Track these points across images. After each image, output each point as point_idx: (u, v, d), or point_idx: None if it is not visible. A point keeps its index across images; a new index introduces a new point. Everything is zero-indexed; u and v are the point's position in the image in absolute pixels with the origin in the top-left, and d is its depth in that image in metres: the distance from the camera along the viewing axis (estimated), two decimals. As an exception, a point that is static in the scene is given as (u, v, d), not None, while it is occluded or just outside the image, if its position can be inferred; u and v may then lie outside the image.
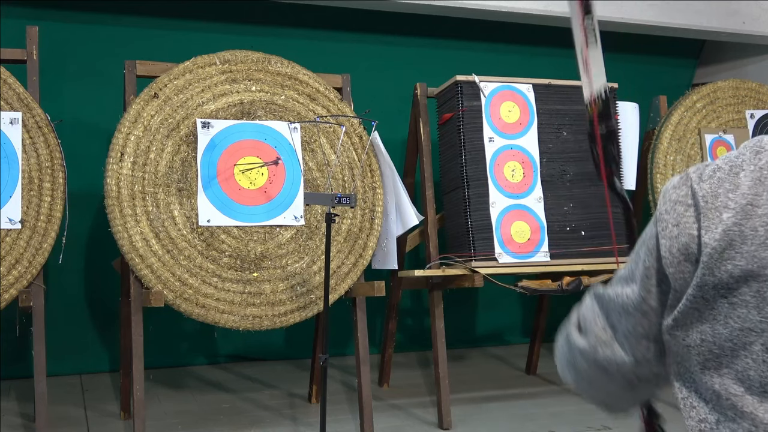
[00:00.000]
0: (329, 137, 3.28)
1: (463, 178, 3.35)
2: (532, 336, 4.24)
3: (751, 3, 4.73)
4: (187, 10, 4.12)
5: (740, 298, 0.99)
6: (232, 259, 3.02)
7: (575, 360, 1.19)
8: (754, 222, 0.97)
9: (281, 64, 3.26)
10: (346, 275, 3.19)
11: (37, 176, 2.88)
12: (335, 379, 4.01)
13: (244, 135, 3.13)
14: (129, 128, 2.96)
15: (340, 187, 3.24)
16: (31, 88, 2.94)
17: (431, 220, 3.44)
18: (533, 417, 3.45)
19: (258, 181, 3.12)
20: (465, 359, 4.58)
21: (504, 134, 3.45)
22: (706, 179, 1.03)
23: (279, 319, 3.06)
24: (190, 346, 4.30)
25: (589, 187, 3.54)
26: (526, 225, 3.40)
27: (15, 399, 3.53)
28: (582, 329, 1.17)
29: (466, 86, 3.40)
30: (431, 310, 3.44)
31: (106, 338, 4.06)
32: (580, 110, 3.61)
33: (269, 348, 4.38)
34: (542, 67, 4.24)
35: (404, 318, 4.65)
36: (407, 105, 3.62)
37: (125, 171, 2.92)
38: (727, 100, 3.99)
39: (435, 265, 3.37)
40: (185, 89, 3.08)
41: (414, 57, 4.50)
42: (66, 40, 3.89)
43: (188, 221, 2.99)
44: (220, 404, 3.63)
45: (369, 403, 3.16)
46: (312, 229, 3.17)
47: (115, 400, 3.56)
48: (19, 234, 2.83)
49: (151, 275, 2.90)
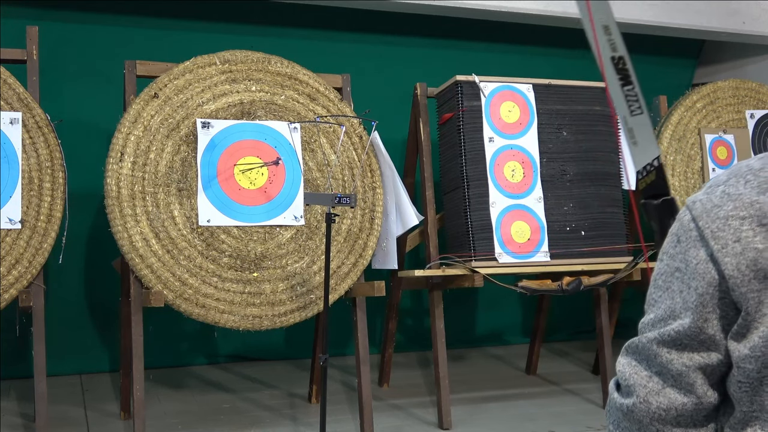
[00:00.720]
0: (329, 137, 3.28)
1: (463, 178, 3.35)
2: (532, 336, 4.24)
3: (751, 3, 4.73)
4: (187, 10, 4.11)
5: None
6: (232, 259, 3.02)
7: (628, 426, 1.07)
8: None
9: (281, 64, 3.26)
10: (346, 275, 3.19)
11: (37, 176, 2.88)
12: (335, 379, 4.01)
13: (244, 135, 3.13)
14: (129, 128, 2.96)
15: (340, 187, 3.24)
16: (31, 88, 2.94)
17: (431, 220, 3.44)
18: (533, 417, 3.45)
19: (258, 181, 3.12)
20: (465, 359, 4.58)
21: (504, 134, 3.45)
22: (756, 188, 0.97)
23: (279, 319, 3.06)
24: (190, 346, 4.30)
25: (589, 187, 3.55)
26: (526, 225, 3.40)
27: (15, 399, 3.53)
28: (624, 390, 1.07)
29: (466, 86, 3.40)
30: (431, 310, 3.44)
31: (106, 338, 4.06)
32: (580, 110, 3.61)
33: (269, 348, 4.38)
34: (542, 67, 4.25)
35: (404, 318, 4.64)
36: (407, 105, 3.62)
37: (125, 171, 2.92)
38: (727, 100, 3.99)
39: (435, 265, 3.37)
40: (185, 89, 3.08)
41: (414, 57, 4.50)
42: (66, 40, 3.89)
43: (188, 221, 2.99)
44: (220, 404, 3.63)
45: (369, 403, 3.16)
46: (312, 229, 3.17)
47: (115, 400, 3.56)
48: (19, 234, 2.83)
49: (151, 275, 2.90)
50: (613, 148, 3.65)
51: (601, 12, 1.10)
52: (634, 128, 1.19)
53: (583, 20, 1.12)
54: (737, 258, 0.96)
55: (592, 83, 3.65)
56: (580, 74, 3.68)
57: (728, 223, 0.97)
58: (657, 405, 1.02)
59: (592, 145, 3.59)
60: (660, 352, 1.02)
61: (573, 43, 4.86)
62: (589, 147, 3.58)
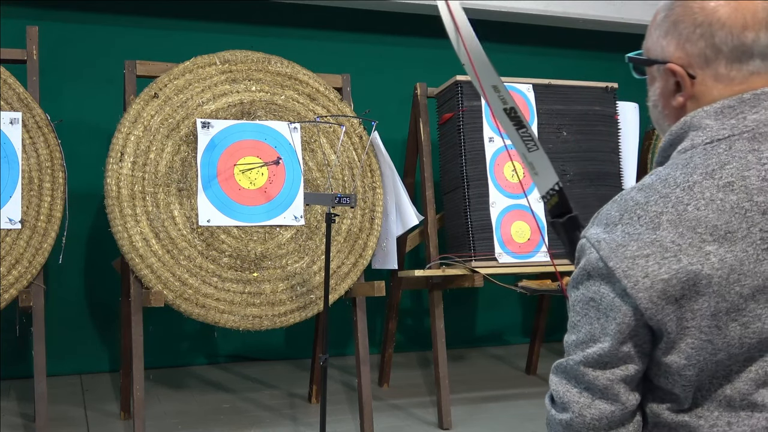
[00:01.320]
0: (329, 137, 3.28)
1: (463, 178, 3.35)
2: (532, 336, 4.24)
3: (751, 3, 4.72)
4: (187, 10, 4.12)
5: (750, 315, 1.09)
6: (232, 259, 3.02)
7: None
8: (741, 245, 1.07)
9: (281, 64, 3.26)
10: (346, 275, 3.19)
11: (37, 176, 2.88)
12: (335, 379, 4.01)
13: (244, 135, 3.13)
14: (129, 128, 2.96)
15: (340, 187, 3.24)
16: (31, 88, 2.94)
17: (431, 220, 3.44)
18: (533, 417, 3.45)
19: (258, 181, 3.12)
20: (465, 359, 4.58)
21: (504, 134, 3.45)
22: (645, 224, 1.11)
23: (279, 319, 3.06)
24: (190, 346, 4.30)
25: (589, 187, 3.55)
26: (526, 225, 3.40)
27: (15, 399, 3.53)
28: (559, 405, 1.21)
29: (466, 86, 3.40)
30: (431, 310, 3.44)
31: (106, 338, 4.06)
32: (580, 110, 3.61)
33: (269, 348, 4.38)
34: (542, 67, 4.25)
35: (404, 318, 4.64)
36: (407, 105, 3.62)
37: (125, 171, 2.92)
38: (727, 100, 3.98)
39: (435, 265, 3.37)
40: (185, 89, 3.08)
41: (414, 57, 4.50)
42: (66, 40, 3.89)
43: (188, 221, 2.99)
44: (220, 404, 3.63)
45: (369, 403, 3.16)
46: (312, 229, 3.17)
47: (115, 400, 3.56)
48: (19, 234, 2.83)
49: (151, 275, 2.90)
50: (613, 148, 3.65)
51: (488, 75, 1.29)
52: (534, 162, 1.37)
53: (473, 83, 1.31)
54: (648, 292, 1.08)
55: (592, 83, 3.65)
56: (580, 74, 3.68)
57: (636, 263, 1.09)
58: (591, 417, 1.15)
59: (592, 145, 3.59)
60: (586, 372, 1.15)
61: (573, 43, 4.88)
62: (589, 147, 3.58)
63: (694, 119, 1.17)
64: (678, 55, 1.18)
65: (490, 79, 1.30)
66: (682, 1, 1.19)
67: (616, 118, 3.67)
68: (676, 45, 1.18)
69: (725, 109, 1.15)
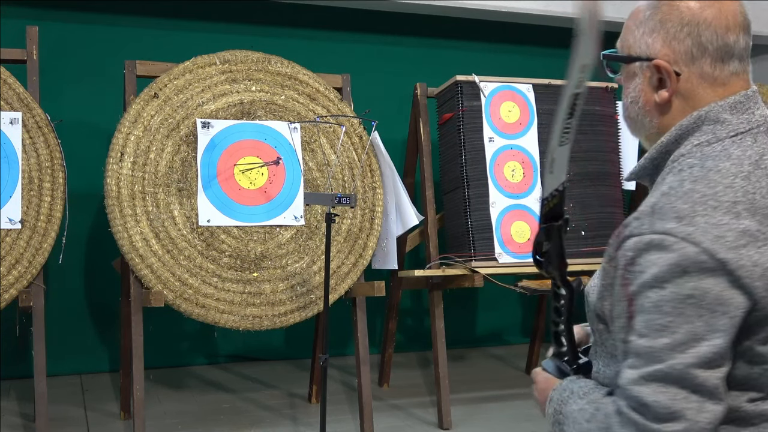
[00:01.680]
0: (329, 137, 3.28)
1: (463, 178, 3.35)
2: (532, 336, 4.24)
3: (751, 3, 4.72)
4: (187, 10, 4.12)
5: None
6: (232, 259, 3.02)
7: None
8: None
9: (281, 64, 3.26)
10: (346, 275, 3.19)
11: (37, 176, 2.88)
12: (335, 379, 4.01)
13: (244, 135, 3.13)
14: (129, 128, 2.96)
15: (340, 187, 3.24)
16: (31, 88, 2.94)
17: (431, 220, 3.44)
18: (533, 417, 3.45)
19: (258, 181, 3.12)
20: (465, 359, 4.58)
21: (504, 134, 3.45)
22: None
23: (279, 319, 3.06)
24: (190, 346, 4.30)
25: (589, 187, 3.55)
26: (526, 225, 3.40)
27: (15, 399, 3.53)
28: (664, 417, 1.10)
29: (466, 86, 3.40)
30: (431, 310, 3.44)
31: (106, 338, 4.06)
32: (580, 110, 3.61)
33: (269, 348, 4.38)
34: (542, 67, 4.24)
35: (404, 318, 4.64)
36: (407, 105, 3.62)
37: (125, 171, 2.92)
38: (727, 100, 3.98)
39: (435, 265, 3.37)
40: (185, 89, 3.08)
41: (414, 57, 4.50)
42: (66, 40, 3.89)
43: (188, 221, 2.99)
44: (220, 404, 3.63)
45: (369, 403, 3.16)
46: (312, 229, 3.17)
47: (115, 400, 3.56)
48: (19, 234, 2.83)
49: (151, 275, 2.90)
50: (613, 148, 3.65)
51: (587, 55, 1.23)
52: (556, 158, 1.30)
53: (573, 55, 1.24)
54: (762, 280, 1.08)
55: (592, 83, 3.65)
56: (580, 74, 3.66)
57: (740, 253, 1.08)
58: (705, 421, 1.09)
59: (592, 145, 3.59)
60: (697, 373, 1.09)
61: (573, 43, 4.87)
62: (589, 147, 3.58)
63: (710, 113, 1.19)
64: (664, 52, 1.21)
65: (586, 56, 1.23)
66: (667, 1, 1.22)
67: (616, 118, 3.67)
68: (663, 42, 1.21)
69: (737, 105, 1.19)
